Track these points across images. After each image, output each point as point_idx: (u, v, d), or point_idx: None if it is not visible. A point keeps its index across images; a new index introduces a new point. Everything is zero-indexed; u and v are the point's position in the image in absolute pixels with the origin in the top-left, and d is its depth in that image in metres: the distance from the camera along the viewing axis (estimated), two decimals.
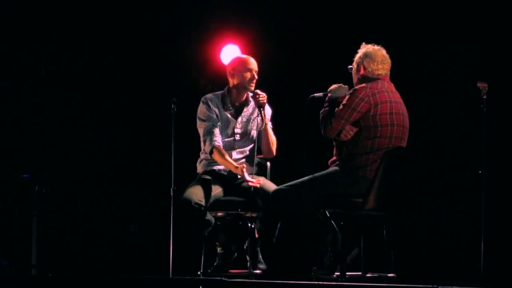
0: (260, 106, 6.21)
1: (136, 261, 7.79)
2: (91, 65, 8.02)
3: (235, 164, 6.13)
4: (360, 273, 5.97)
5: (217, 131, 6.24)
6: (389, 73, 5.88)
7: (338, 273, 5.74)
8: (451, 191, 7.22)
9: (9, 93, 7.85)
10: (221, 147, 6.20)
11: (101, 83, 8.05)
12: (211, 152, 6.20)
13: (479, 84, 5.86)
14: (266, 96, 6.22)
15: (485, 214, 5.84)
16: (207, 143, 6.22)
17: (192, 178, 6.28)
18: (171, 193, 6.13)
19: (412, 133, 5.93)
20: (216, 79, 7.54)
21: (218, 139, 6.21)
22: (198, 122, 6.32)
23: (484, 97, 5.85)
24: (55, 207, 7.76)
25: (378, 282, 5.81)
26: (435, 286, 5.05)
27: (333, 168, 5.86)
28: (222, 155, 6.16)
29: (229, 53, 7.67)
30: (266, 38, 7.76)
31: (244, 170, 6.04)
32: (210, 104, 6.29)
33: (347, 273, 5.75)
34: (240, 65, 6.31)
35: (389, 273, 5.87)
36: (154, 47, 8.02)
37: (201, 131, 6.29)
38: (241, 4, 7.85)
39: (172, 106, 6.23)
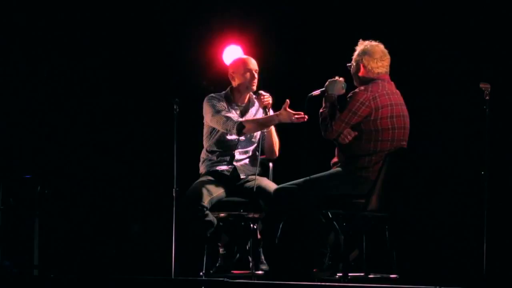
0: (265, 107, 6.20)
1: (138, 262, 7.78)
2: (94, 65, 8.02)
3: (274, 113, 6.01)
4: (362, 274, 5.98)
5: (233, 113, 6.17)
6: (388, 70, 5.87)
7: (341, 274, 5.74)
8: (453, 192, 7.21)
9: (11, 93, 7.85)
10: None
11: (103, 84, 8.05)
12: (241, 128, 6.05)
13: (481, 85, 5.84)
14: (271, 97, 6.21)
15: (487, 215, 5.83)
16: (230, 124, 6.07)
17: (195, 178, 6.27)
18: (174, 194, 6.12)
19: (415, 134, 5.93)
20: (218, 80, 7.53)
21: (237, 117, 6.15)
22: (210, 118, 6.21)
23: (487, 98, 5.84)
24: (57, 208, 7.75)
25: (380, 283, 5.81)
26: (437, 287, 5.05)
27: (335, 169, 5.86)
28: (253, 120, 6.11)
29: (231, 53, 7.67)
30: (268, 38, 7.76)
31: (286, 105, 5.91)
32: (218, 99, 6.26)
33: (349, 274, 5.76)
34: (239, 67, 6.29)
35: (392, 274, 5.87)
36: (156, 48, 8.02)
37: (217, 124, 6.17)
38: (243, 5, 7.85)
39: (175, 107, 6.21)
